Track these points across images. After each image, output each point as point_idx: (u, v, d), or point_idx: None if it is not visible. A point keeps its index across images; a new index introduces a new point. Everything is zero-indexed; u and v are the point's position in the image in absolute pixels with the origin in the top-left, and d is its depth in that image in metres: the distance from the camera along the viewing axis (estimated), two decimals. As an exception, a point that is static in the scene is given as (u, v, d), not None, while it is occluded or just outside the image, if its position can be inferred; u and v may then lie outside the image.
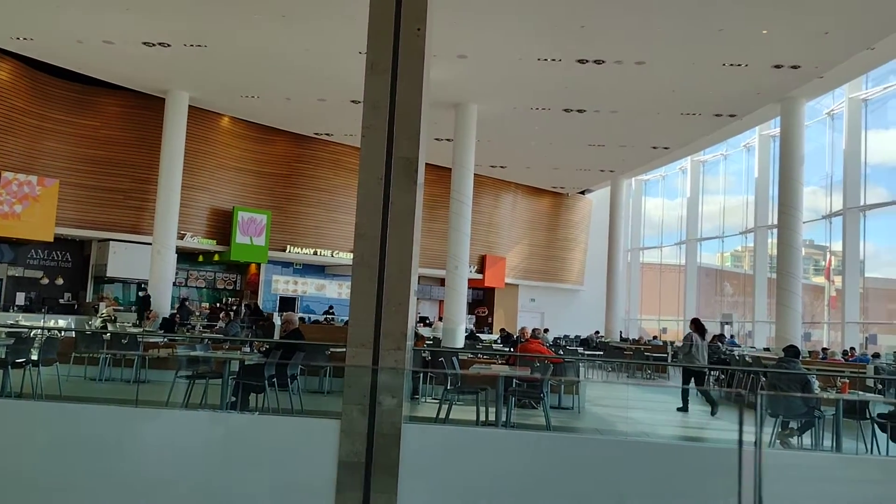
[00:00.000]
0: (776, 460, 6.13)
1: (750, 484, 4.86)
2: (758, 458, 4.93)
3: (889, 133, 22.91)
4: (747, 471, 5.05)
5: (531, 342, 11.16)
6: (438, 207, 26.47)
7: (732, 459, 5.67)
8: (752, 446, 4.98)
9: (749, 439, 7.35)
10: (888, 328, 22.93)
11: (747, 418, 8.59)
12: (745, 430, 8.06)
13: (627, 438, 6.42)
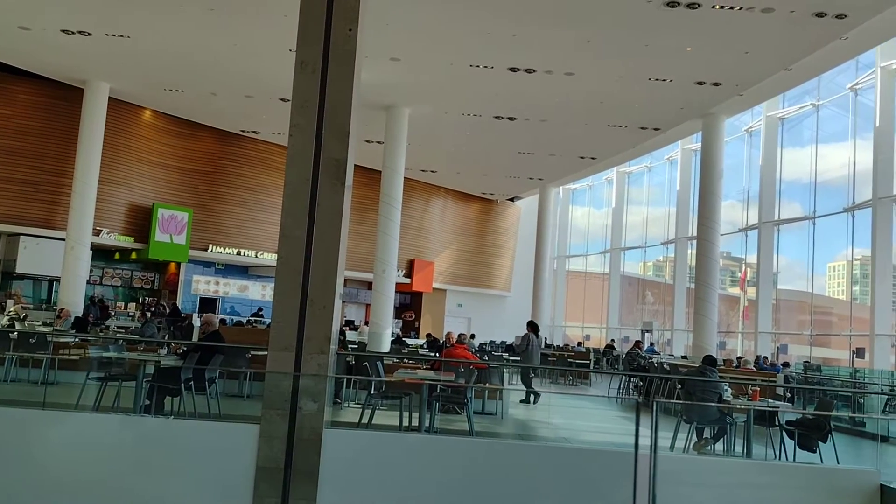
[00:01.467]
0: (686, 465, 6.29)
1: (645, 486, 5.00)
2: (653, 462, 5.06)
3: (803, 151, 23.99)
4: (643, 474, 5.18)
5: (457, 347, 11.17)
6: (367, 210, 26.28)
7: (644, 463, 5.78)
8: (647, 450, 5.08)
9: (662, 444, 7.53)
10: (798, 339, 23.94)
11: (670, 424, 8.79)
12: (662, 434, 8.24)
13: (547, 444, 6.48)
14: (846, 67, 20.00)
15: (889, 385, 14.79)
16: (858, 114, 21.53)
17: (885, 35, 15.73)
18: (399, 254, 21.68)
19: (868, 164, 20.25)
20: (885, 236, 19.44)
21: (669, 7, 12.94)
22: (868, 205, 20.02)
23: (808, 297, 23.36)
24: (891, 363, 19.27)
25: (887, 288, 19.50)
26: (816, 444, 7.69)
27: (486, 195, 33.51)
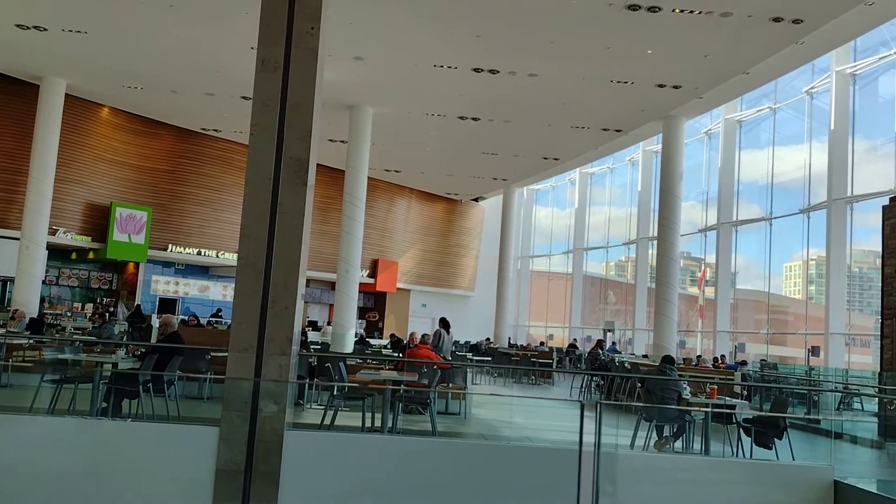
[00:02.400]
0: (647, 463, 6.38)
1: (589, 483, 5.08)
2: (596, 460, 5.13)
3: (761, 153, 24.47)
4: (590, 472, 5.25)
5: (420, 348, 11.16)
6: (331, 210, 26.14)
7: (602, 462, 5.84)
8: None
9: (623, 442, 7.62)
10: (755, 337, 24.41)
11: (630, 423, 8.89)
12: (623, 433, 8.34)
13: (510, 443, 6.51)
14: (802, 71, 20.45)
15: (843, 383, 15.16)
16: (814, 117, 22.03)
17: (839, 40, 16.12)
18: (363, 254, 21.59)
19: (823, 167, 20.73)
20: (839, 237, 19.92)
21: (630, 10, 13.10)
22: (823, 206, 20.49)
23: (765, 297, 23.83)
24: (844, 361, 19.75)
25: (841, 288, 19.97)
26: (772, 441, 7.85)
27: (451, 195, 33.55)
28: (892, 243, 13.17)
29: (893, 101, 18.92)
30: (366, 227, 21.51)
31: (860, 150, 20.21)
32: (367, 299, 32.14)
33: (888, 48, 18.78)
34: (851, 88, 20.26)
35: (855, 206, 19.90)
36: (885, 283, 13.30)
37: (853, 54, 20.04)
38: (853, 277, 21.40)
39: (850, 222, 19.94)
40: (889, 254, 13.22)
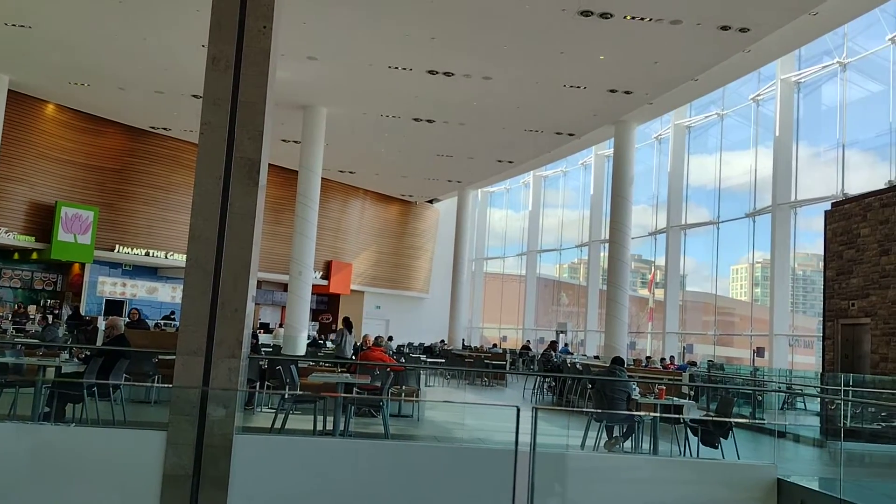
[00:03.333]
0: (597, 463, 6.46)
1: (524, 483, 5.16)
2: (532, 460, 5.20)
3: (709, 158, 25.01)
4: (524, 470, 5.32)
5: (373, 350, 11.11)
6: (283, 210, 25.88)
7: (560, 462, 5.90)
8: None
9: (574, 443, 7.70)
10: (703, 338, 24.92)
11: (581, 423, 8.99)
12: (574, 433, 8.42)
13: (462, 445, 6.52)
14: (749, 79, 20.97)
15: (786, 383, 15.56)
16: (760, 123, 22.61)
17: (784, 49, 16.58)
18: (316, 255, 21.41)
19: (768, 172, 21.27)
20: (783, 241, 20.46)
21: (583, 16, 13.26)
22: (768, 210, 21.03)
23: (712, 299, 24.35)
24: (788, 362, 20.28)
25: (785, 290, 20.52)
26: (718, 441, 8.02)
27: (405, 197, 33.52)
28: (833, 247, 13.58)
29: (836, 108, 19.53)
30: (319, 229, 21.34)
31: (804, 157, 20.81)
32: (320, 301, 31.89)
33: (831, 57, 19.37)
34: (796, 96, 20.85)
35: (799, 210, 20.48)
36: (826, 285, 13.71)
37: (798, 63, 20.62)
38: (797, 280, 22.01)
39: (793, 226, 20.50)
40: (831, 257, 13.64)
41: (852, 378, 12.02)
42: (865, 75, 19.13)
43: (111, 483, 5.65)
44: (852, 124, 19.09)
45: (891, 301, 11.94)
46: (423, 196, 33.77)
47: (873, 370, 12.14)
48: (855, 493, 5.69)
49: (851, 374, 12.23)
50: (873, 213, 12.55)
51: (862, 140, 19.21)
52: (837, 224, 13.57)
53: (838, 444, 9.29)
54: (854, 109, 19.20)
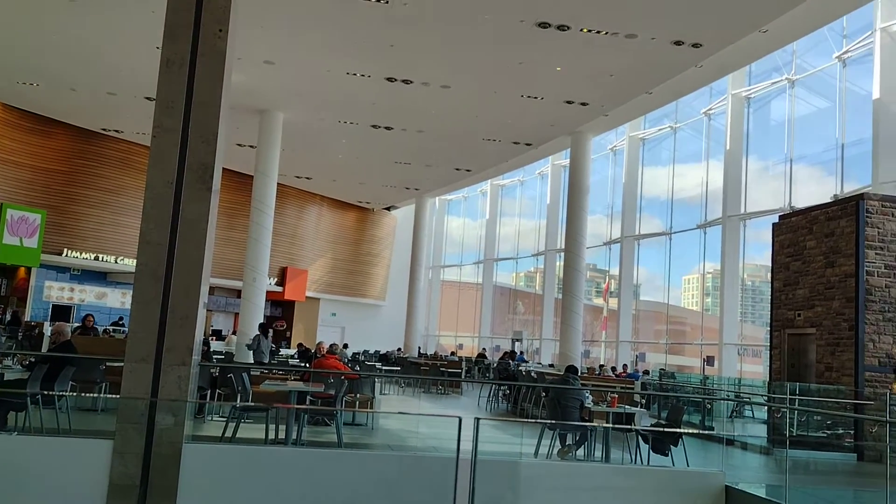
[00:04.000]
0: (550, 471, 6.50)
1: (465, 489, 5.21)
2: (473, 466, 5.24)
3: (662, 170, 25.46)
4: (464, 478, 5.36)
5: (328, 358, 11.01)
6: (238, 216, 25.56)
7: (513, 470, 5.92)
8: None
9: (527, 451, 7.72)
10: (655, 347, 25.29)
11: (535, 431, 9.01)
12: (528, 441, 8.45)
13: (415, 453, 6.50)
14: (701, 93, 21.44)
15: (735, 392, 15.89)
16: (711, 137, 23.10)
17: (736, 65, 16.97)
18: (271, 261, 21.18)
19: (719, 184, 21.74)
20: (733, 252, 20.91)
21: (541, 28, 13.40)
22: (718, 222, 21.48)
23: (665, 308, 24.75)
24: (737, 370, 20.71)
25: (735, 300, 20.96)
26: (668, 448, 8.14)
27: (363, 204, 33.39)
28: (780, 259, 13.92)
29: (784, 124, 20.07)
30: (274, 235, 21.11)
31: (753, 170, 21.32)
32: (274, 308, 31.53)
33: (780, 74, 19.92)
34: (746, 111, 21.37)
35: (748, 222, 20.96)
36: (773, 296, 14.04)
37: (748, 79, 21.15)
38: (746, 290, 22.50)
39: (743, 238, 20.98)
40: (778, 269, 13.97)
41: (798, 387, 12.32)
42: (813, 92, 19.71)
43: (55, 494, 5.50)
44: (800, 139, 19.64)
45: (835, 312, 12.29)
46: (381, 203, 33.68)
47: (818, 379, 12.46)
48: (800, 500, 5.83)
49: (797, 383, 12.54)
50: (819, 226, 12.91)
51: (809, 155, 19.77)
52: (784, 236, 13.92)
53: (784, 452, 9.51)
54: (802, 125, 19.76)
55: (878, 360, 11.60)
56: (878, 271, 11.79)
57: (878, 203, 12.04)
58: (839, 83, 18.21)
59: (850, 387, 11.60)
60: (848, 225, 12.11)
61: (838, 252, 12.29)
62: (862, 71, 17.58)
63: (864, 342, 11.60)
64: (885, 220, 11.91)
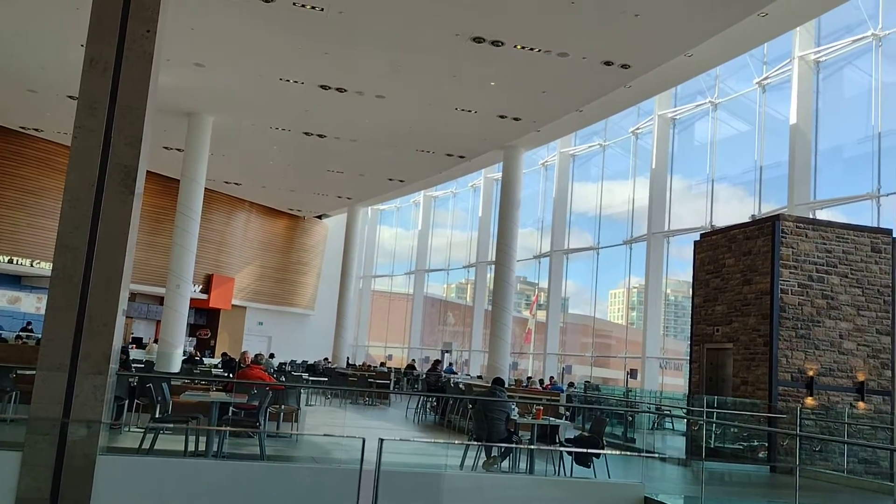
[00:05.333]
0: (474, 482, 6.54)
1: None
2: (377, 476, 5.29)
3: (591, 186, 26.01)
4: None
5: (252, 368, 10.81)
6: (163, 221, 24.90)
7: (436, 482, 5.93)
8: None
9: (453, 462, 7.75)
10: (581, 360, 25.75)
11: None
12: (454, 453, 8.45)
13: (340, 466, 6.43)
14: (629, 113, 22.05)
15: (656, 404, 16.30)
16: (638, 156, 23.75)
17: (662, 87, 17.53)
18: (196, 268, 20.69)
19: (645, 202, 22.35)
20: (656, 267, 21.51)
21: (475, 42, 13.55)
22: (643, 238, 22.07)
23: (591, 321, 25.24)
24: (659, 383, 21.26)
25: (658, 315, 21.55)
26: (591, 460, 8.27)
27: (293, 211, 32.98)
28: (701, 276, 14.38)
29: (707, 145, 20.80)
30: (200, 241, 20.65)
31: (677, 189, 22.02)
32: (198, 316, 30.77)
33: (704, 97, 20.65)
34: (671, 131, 22.07)
35: (671, 239, 21.60)
36: (694, 311, 14.48)
37: (674, 100, 21.86)
38: (669, 305, 23.16)
39: (666, 254, 21.60)
40: (699, 285, 14.42)
41: (716, 400, 12.73)
42: (734, 115, 20.51)
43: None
44: (721, 160, 20.39)
45: (751, 328, 12.75)
46: (312, 211, 33.35)
47: (734, 393, 12.89)
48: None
49: (715, 396, 12.94)
50: (737, 244, 13.40)
51: (730, 175, 20.53)
52: (705, 254, 14.39)
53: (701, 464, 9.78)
54: (723, 146, 20.53)
55: (790, 375, 12.08)
56: (792, 289, 12.30)
57: (793, 224, 12.59)
58: (759, 108, 19.01)
59: (764, 401, 12.04)
60: (764, 244, 12.60)
61: (755, 270, 12.78)
62: (780, 97, 18.41)
63: (777, 357, 12.07)
64: (799, 241, 12.45)
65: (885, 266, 12.64)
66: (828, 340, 12.32)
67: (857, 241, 12.68)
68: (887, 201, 14.93)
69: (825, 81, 17.33)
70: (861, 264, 12.65)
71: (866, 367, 12.38)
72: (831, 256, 12.53)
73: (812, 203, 16.75)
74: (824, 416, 11.98)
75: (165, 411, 8.76)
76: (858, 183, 16.02)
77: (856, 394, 12.25)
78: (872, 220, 15.06)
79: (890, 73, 15.95)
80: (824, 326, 12.34)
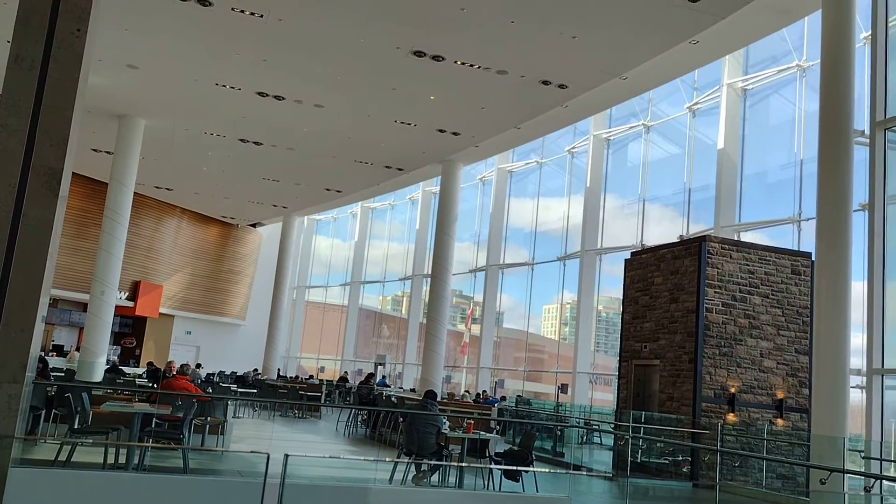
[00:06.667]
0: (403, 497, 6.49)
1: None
2: (280, 492, 5.28)
3: (528, 202, 26.34)
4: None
5: (178, 378, 10.53)
6: (89, 225, 24.13)
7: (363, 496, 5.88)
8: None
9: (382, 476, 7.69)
10: (514, 374, 25.95)
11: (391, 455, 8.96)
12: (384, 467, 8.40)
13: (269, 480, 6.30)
14: (566, 132, 22.46)
15: (585, 419, 16.56)
16: (573, 174, 24.19)
17: (597, 107, 17.93)
18: (123, 275, 20.11)
19: (579, 219, 22.75)
20: (588, 284, 21.89)
21: (416, 56, 13.63)
22: (577, 255, 22.45)
23: (525, 336, 25.49)
24: (588, 398, 21.59)
25: (589, 330, 21.92)
26: (520, 474, 8.35)
27: (227, 219, 32.37)
28: (630, 293, 14.71)
29: (639, 166, 21.34)
30: (128, 246, 20.07)
31: (611, 208, 22.50)
32: (124, 324, 29.84)
33: (637, 119, 21.20)
34: (606, 151, 22.55)
35: (604, 257, 22.03)
36: (623, 328, 14.79)
37: (608, 121, 22.37)
38: (601, 322, 23.58)
39: (599, 271, 22.01)
40: (629, 302, 14.75)
41: (643, 415, 13.01)
42: (666, 138, 21.11)
43: None
44: (653, 181, 20.94)
45: (677, 345, 13.11)
46: (246, 219, 32.79)
47: (660, 408, 13.20)
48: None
49: (642, 411, 13.24)
50: (666, 263, 13.78)
51: (661, 196, 21.09)
52: (635, 272, 14.74)
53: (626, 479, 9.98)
54: (655, 168, 21.09)
55: (713, 392, 12.45)
56: (717, 308, 12.70)
57: (719, 245, 13.02)
58: (689, 132, 19.62)
59: (688, 416, 12.37)
60: (691, 264, 12.99)
61: (682, 289, 13.15)
62: (709, 122, 19.03)
63: (701, 374, 12.43)
64: (724, 262, 12.88)
65: (804, 288, 13.18)
66: (749, 358, 12.75)
67: (779, 263, 13.20)
68: (807, 225, 15.55)
69: (752, 109, 18.02)
70: (782, 285, 13.16)
71: (785, 385, 12.85)
72: (754, 277, 13.00)
73: (737, 225, 17.35)
74: (745, 432, 12.37)
75: (85, 422, 8.45)
76: (781, 207, 16.67)
77: (775, 411, 12.70)
78: (793, 243, 15.68)
79: (813, 103, 16.69)
80: (746, 345, 12.77)
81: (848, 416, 10.15)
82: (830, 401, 10.14)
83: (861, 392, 12.23)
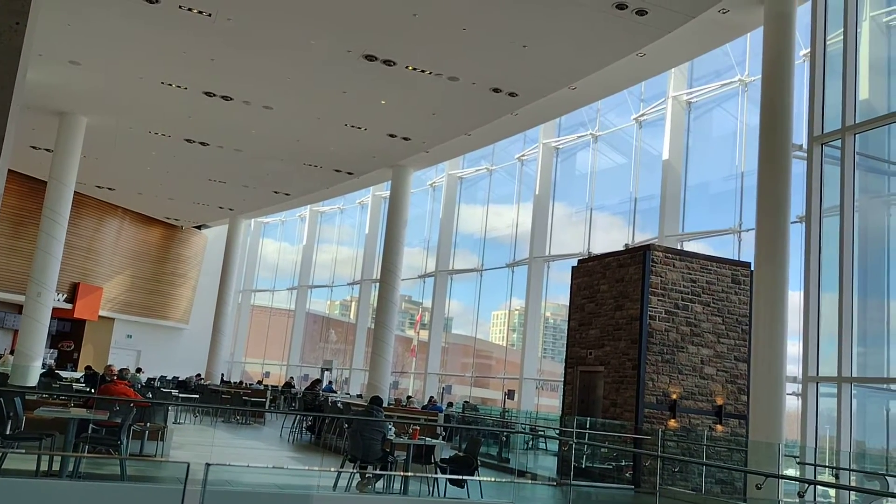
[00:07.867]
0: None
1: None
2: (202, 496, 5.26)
3: (478, 209, 26.46)
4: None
5: (117, 383, 10.24)
6: (26, 224, 23.39)
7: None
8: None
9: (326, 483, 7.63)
10: (462, 380, 26.00)
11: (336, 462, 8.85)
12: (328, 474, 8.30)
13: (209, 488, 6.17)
14: (516, 140, 22.66)
15: (531, 424, 16.66)
16: (523, 181, 24.40)
17: (547, 116, 18.14)
18: (61, 276, 19.52)
19: (528, 226, 22.95)
20: (536, 291, 22.08)
21: (367, 60, 13.58)
22: (525, 262, 22.63)
23: (473, 342, 25.56)
24: (535, 404, 21.75)
25: (536, 337, 22.09)
26: (465, 481, 8.34)
27: (171, 220, 31.70)
28: (577, 300, 14.88)
29: (587, 175, 21.64)
30: (67, 247, 19.51)
31: (559, 216, 22.74)
32: (61, 326, 28.94)
33: (586, 129, 21.51)
34: (555, 160, 22.81)
35: (552, 264, 22.25)
36: (569, 335, 14.95)
37: (558, 130, 22.63)
38: (548, 328, 23.80)
39: (546, 278, 22.23)
40: (574, 309, 14.91)
41: (588, 421, 13.15)
42: (613, 148, 21.46)
43: None
44: (600, 190, 21.26)
45: (621, 352, 13.30)
46: (191, 221, 32.17)
47: (604, 414, 13.37)
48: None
49: (587, 417, 13.38)
50: (611, 271, 13.97)
51: (608, 205, 21.43)
52: (582, 279, 14.91)
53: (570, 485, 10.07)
54: (602, 177, 21.41)
55: (655, 398, 12.66)
56: (660, 316, 12.93)
57: (662, 254, 13.27)
58: (635, 142, 19.99)
59: (631, 422, 12.55)
60: (635, 272, 13.20)
61: (626, 296, 13.35)
62: (655, 133, 19.43)
63: (644, 381, 12.63)
64: (667, 270, 13.13)
65: (744, 297, 13.52)
66: (690, 365, 13.02)
67: (720, 273, 13.51)
68: (747, 236, 15.97)
69: (696, 121, 18.46)
70: (722, 294, 13.48)
71: (724, 392, 13.14)
72: (696, 286, 13.29)
73: (680, 235, 17.73)
74: (685, 437, 12.61)
75: (17, 428, 8.15)
76: (722, 218, 17.10)
77: (714, 417, 12.97)
78: (734, 253, 16.09)
79: (754, 117, 17.17)
80: (688, 352, 13.03)
81: (784, 422, 10.46)
82: (768, 407, 10.43)
83: (797, 399, 12.61)
